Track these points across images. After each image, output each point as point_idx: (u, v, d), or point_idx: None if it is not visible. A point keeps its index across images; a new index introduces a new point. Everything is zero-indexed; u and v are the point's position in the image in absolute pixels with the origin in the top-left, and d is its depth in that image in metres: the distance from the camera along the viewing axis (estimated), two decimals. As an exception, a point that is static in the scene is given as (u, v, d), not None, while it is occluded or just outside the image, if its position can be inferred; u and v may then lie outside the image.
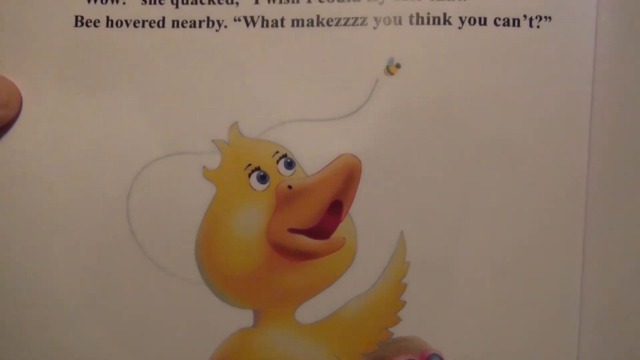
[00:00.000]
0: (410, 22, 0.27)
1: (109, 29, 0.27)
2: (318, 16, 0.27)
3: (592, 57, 0.28)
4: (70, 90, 0.27)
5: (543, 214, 0.28)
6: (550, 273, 0.29)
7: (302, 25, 0.27)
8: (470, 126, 0.28)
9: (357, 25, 0.27)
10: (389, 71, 0.27)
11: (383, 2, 0.27)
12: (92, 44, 0.27)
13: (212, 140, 0.27)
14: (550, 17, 0.27)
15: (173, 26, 0.27)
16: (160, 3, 0.27)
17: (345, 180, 0.27)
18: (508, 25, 0.27)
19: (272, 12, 0.27)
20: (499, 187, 0.28)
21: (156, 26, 0.27)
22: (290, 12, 0.27)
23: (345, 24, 0.27)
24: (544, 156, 0.28)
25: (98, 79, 0.27)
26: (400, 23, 0.27)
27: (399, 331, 0.28)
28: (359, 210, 0.27)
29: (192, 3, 0.27)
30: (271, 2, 0.27)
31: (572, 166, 0.29)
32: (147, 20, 0.27)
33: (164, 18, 0.27)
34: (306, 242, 0.27)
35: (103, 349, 0.27)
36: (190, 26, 0.27)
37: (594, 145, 0.29)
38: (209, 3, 0.27)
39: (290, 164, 0.27)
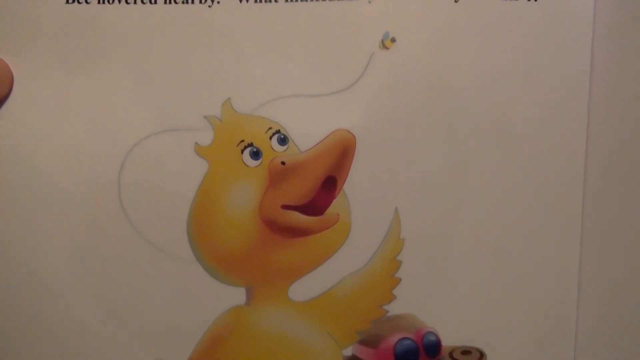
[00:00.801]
0: (406, -4, 0.27)
1: (101, 5, 0.27)
2: (312, -10, 0.27)
3: (591, 28, 0.28)
4: (62, 68, 0.27)
5: (541, 191, 0.29)
6: (548, 252, 0.29)
7: (296, 0, 0.27)
8: (466, 101, 0.28)
9: None
10: (384, 45, 0.27)
11: (378, -25, 0.27)
12: (83, 20, 0.27)
13: (205, 116, 0.27)
14: None
15: (165, 2, 0.27)
16: (152, -22, 0.28)
17: (340, 156, 0.27)
18: (505, -3, 0.28)
19: (266, -14, 0.27)
20: (495, 163, 0.28)
21: (148, 2, 0.27)
22: (284, -14, 0.27)
23: (339, -1, 0.27)
24: (542, 132, 0.28)
25: (90, 55, 0.27)
26: (395, -4, 0.27)
27: (393, 309, 0.29)
28: (353, 186, 0.28)
29: (184, -22, 0.27)
30: (264, -24, 0.27)
31: (571, 142, 0.29)
32: (139, -4, 0.27)
33: (156, -7, 0.27)
34: (299, 218, 0.27)
35: (94, 325, 0.27)
36: (183, 2, 0.27)
37: (592, 121, 0.29)
38: (202, -22, 0.27)
39: (283, 140, 0.27)
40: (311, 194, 0.27)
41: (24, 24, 0.27)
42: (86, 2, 0.27)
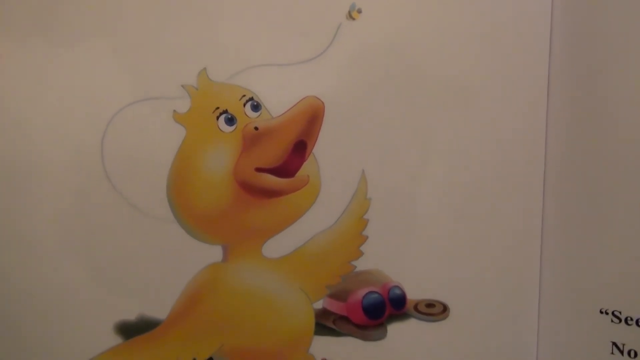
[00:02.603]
0: (371, -32, 0.28)
1: (80, -21, 0.27)
2: (281, -37, 0.28)
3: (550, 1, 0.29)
4: (44, 41, 0.27)
5: (501, 153, 0.30)
6: (508, 210, 0.30)
7: None
8: (429, 69, 0.29)
9: None
10: (351, 16, 0.28)
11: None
12: None
13: (182, 85, 0.28)
14: None
15: (142, -24, 0.28)
16: (129, -48, 0.28)
17: (309, 122, 0.28)
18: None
19: (237, -41, 0.28)
20: (457, 127, 0.29)
21: (126, -24, 0.28)
22: (255, -41, 0.28)
23: (308, -30, 0.28)
24: (502, 98, 0.29)
25: (70, 29, 0.28)
26: (361, -32, 0.28)
27: (361, 264, 0.30)
28: (322, 150, 0.28)
29: (159, -48, 0.28)
30: (236, -51, 0.28)
31: (531, 108, 0.30)
32: (116, -29, 0.28)
33: (132, -33, 0.28)
34: (272, 180, 0.28)
35: (80, 286, 0.28)
36: (159, -24, 0.28)
37: (552, 86, 0.29)
38: (176, -48, 0.28)
39: (256, 107, 0.28)
40: (283, 157, 0.28)
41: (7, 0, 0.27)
42: (66, -24, 0.27)
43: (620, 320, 0.28)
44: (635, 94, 0.27)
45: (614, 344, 0.28)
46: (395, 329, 0.30)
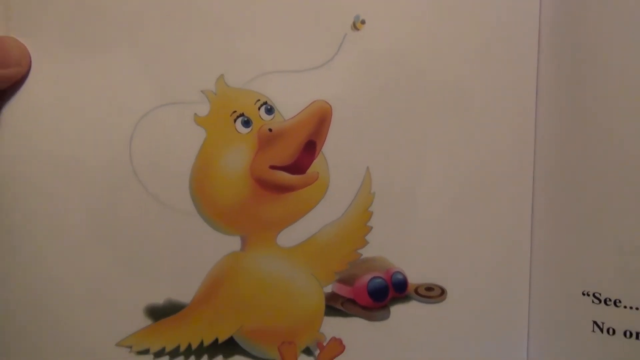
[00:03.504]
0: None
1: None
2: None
3: (538, 10, 0.30)
4: (75, 50, 0.28)
5: (494, 151, 0.31)
6: (501, 202, 0.31)
7: None
8: (428, 75, 0.30)
9: None
10: (355, 27, 0.29)
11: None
12: (90, 7, 0.28)
13: (202, 91, 0.29)
14: None
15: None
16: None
17: (318, 123, 0.29)
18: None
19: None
20: (453, 128, 0.30)
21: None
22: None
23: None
24: (494, 101, 0.30)
25: (98, 38, 0.28)
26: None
27: (366, 252, 0.31)
28: (330, 148, 0.30)
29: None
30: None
31: (520, 110, 0.31)
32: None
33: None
34: (285, 177, 0.29)
35: (113, 274, 0.29)
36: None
37: (541, 88, 0.31)
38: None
39: (270, 110, 0.29)
40: (295, 155, 0.29)
41: (40, 11, 0.28)
42: (92, -11, 0.28)
43: (600, 301, 0.29)
44: (617, 91, 0.28)
45: (595, 322, 0.29)
46: (398, 311, 0.31)
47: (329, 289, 0.31)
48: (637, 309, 0.29)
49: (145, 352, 0.30)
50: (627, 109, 0.28)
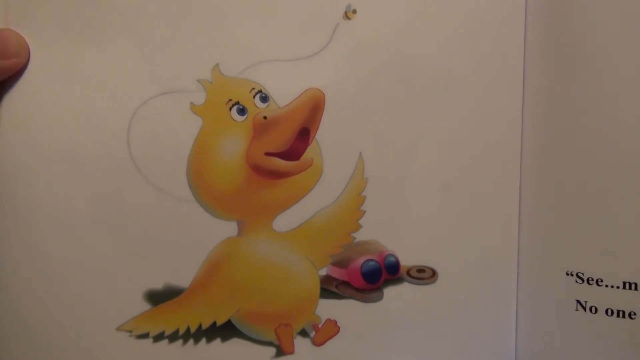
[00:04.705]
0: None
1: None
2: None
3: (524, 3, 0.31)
4: (72, 40, 0.29)
5: (482, 136, 0.31)
6: (489, 186, 0.32)
7: None
8: (418, 63, 0.31)
9: None
10: (347, 16, 0.30)
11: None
12: None
13: (198, 80, 0.29)
14: None
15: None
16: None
17: (312, 111, 0.30)
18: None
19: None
20: (443, 115, 0.31)
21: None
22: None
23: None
24: (482, 88, 0.31)
25: (96, 29, 0.29)
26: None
27: (360, 236, 0.31)
28: (324, 135, 0.30)
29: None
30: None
31: (508, 96, 0.32)
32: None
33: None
34: (280, 163, 0.30)
35: (113, 259, 0.29)
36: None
37: (527, 75, 0.31)
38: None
39: (264, 98, 0.30)
40: (289, 142, 0.30)
41: (37, 3, 0.28)
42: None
43: (583, 281, 0.30)
44: (600, 73, 0.29)
45: (578, 301, 0.30)
46: (391, 292, 0.32)
47: (323, 271, 0.31)
48: (617, 287, 0.29)
49: (145, 335, 0.30)
50: (608, 93, 0.29)
